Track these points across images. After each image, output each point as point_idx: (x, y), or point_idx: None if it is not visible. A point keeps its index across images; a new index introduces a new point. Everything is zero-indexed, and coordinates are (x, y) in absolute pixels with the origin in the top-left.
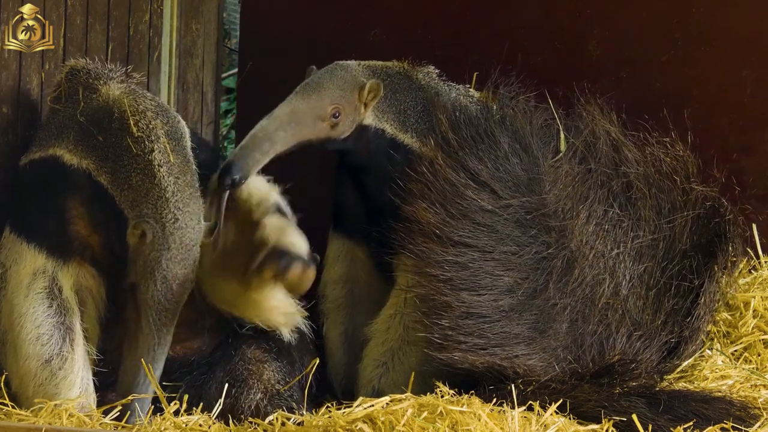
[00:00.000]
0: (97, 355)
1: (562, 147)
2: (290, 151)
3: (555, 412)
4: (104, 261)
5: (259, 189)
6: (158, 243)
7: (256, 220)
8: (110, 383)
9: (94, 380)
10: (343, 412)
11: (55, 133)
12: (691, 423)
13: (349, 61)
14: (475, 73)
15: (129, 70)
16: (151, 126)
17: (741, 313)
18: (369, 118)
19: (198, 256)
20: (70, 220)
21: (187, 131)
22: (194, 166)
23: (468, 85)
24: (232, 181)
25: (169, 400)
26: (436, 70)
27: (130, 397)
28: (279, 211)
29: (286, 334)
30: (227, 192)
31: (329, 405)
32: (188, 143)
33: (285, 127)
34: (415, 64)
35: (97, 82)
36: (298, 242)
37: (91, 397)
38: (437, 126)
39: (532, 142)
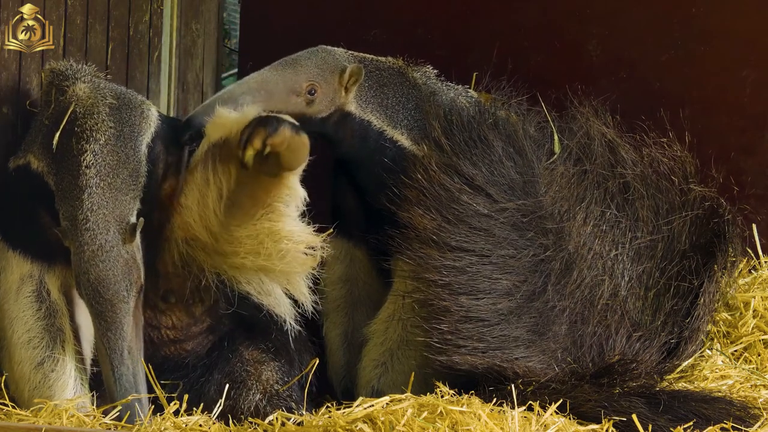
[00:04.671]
0: (93, 354)
1: (557, 149)
2: None
3: (555, 412)
4: None
5: (237, 115)
6: (74, 244)
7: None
8: None
9: (90, 380)
10: (343, 412)
11: (32, 138)
12: (691, 423)
13: (335, 48)
14: (474, 74)
15: (96, 69)
16: (96, 127)
17: (741, 313)
18: (351, 106)
19: (129, 258)
20: (47, 225)
21: (150, 130)
22: (139, 167)
23: (467, 86)
24: (190, 136)
25: (168, 400)
26: (435, 70)
27: (129, 397)
28: None
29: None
30: (186, 150)
31: (329, 405)
32: (142, 144)
33: (253, 92)
34: (411, 63)
35: (66, 83)
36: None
37: (86, 397)
38: (430, 131)
39: (525, 144)
